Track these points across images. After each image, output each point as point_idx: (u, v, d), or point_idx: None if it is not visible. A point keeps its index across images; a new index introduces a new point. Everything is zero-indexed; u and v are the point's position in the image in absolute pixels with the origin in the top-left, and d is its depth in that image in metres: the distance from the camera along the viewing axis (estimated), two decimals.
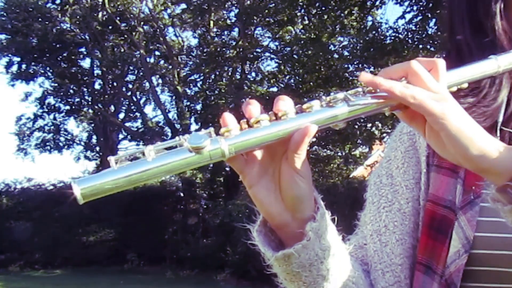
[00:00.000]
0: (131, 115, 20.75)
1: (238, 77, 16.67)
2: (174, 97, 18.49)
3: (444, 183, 0.85)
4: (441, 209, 0.84)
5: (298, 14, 14.71)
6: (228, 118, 0.65)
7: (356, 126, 13.80)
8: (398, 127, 0.96)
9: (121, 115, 20.49)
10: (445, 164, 0.86)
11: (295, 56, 14.36)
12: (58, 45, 18.63)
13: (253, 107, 0.66)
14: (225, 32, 17.48)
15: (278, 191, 0.70)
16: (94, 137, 20.95)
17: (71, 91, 19.95)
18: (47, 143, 20.16)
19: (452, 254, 0.80)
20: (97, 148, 20.84)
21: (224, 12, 17.30)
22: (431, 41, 11.50)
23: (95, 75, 20.03)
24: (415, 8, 11.49)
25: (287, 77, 16.01)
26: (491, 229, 0.77)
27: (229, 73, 16.93)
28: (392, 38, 12.03)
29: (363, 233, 0.93)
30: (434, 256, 0.83)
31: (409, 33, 11.89)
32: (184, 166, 0.62)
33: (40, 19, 18.01)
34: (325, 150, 15.87)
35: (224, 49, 16.48)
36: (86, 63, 20.98)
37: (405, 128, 0.94)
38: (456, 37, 0.87)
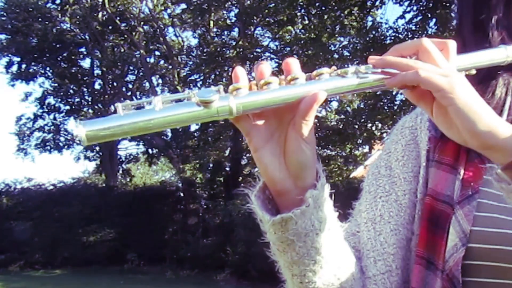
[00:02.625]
0: None
1: None
2: None
3: (443, 178, 0.85)
4: (439, 204, 0.84)
5: (298, 14, 14.71)
6: (240, 73, 0.65)
7: (356, 126, 13.81)
8: (400, 121, 0.97)
9: None
10: (445, 161, 0.86)
11: (295, 56, 14.34)
12: (58, 45, 18.63)
13: (264, 68, 0.66)
14: (225, 32, 17.48)
15: (283, 157, 0.71)
16: None
17: (71, 91, 19.94)
18: (47, 143, 20.16)
19: (450, 248, 0.80)
20: (97, 148, 20.84)
21: (224, 12, 17.30)
22: None
23: (95, 75, 20.04)
24: (415, 8, 11.49)
25: None
26: (488, 224, 0.77)
27: (229, 73, 16.92)
28: (392, 38, 12.03)
29: (357, 221, 0.93)
30: (435, 251, 0.83)
31: (409, 33, 11.88)
32: (190, 119, 0.62)
33: (40, 19, 18.01)
34: (325, 150, 15.87)
35: (224, 49, 16.48)
36: (86, 63, 21.02)
37: (407, 122, 0.95)
38: (459, 32, 0.88)
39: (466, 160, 0.84)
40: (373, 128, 13.74)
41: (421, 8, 11.42)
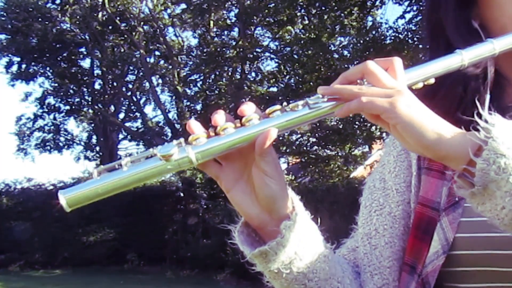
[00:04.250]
0: (131, 115, 20.76)
1: (238, 77, 16.66)
2: (174, 97, 18.49)
3: (433, 185, 0.86)
4: (429, 211, 0.84)
5: (298, 14, 14.71)
6: (194, 126, 0.69)
7: (356, 126, 13.81)
8: None
9: (121, 115, 20.51)
10: (434, 167, 0.86)
11: (295, 56, 14.36)
12: (58, 45, 18.63)
13: (218, 116, 0.69)
14: (225, 32, 17.48)
15: (254, 194, 0.74)
16: (94, 137, 20.96)
17: (71, 91, 19.95)
18: (47, 143, 20.16)
19: (431, 254, 0.81)
20: (97, 148, 20.84)
21: (224, 12, 17.29)
22: None
23: (95, 75, 20.04)
24: (415, 8, 11.50)
25: (287, 77, 16.00)
26: (472, 230, 0.77)
27: (229, 73, 16.92)
28: (392, 38, 12.04)
29: (356, 236, 0.94)
30: (418, 257, 0.83)
31: (409, 33, 11.90)
32: (155, 173, 0.67)
33: (40, 19, 18.01)
34: (325, 150, 15.86)
35: (224, 49, 16.47)
36: (86, 63, 21.03)
37: None
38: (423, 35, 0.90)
39: None
40: (373, 128, 13.73)
41: (421, 8, 11.41)
